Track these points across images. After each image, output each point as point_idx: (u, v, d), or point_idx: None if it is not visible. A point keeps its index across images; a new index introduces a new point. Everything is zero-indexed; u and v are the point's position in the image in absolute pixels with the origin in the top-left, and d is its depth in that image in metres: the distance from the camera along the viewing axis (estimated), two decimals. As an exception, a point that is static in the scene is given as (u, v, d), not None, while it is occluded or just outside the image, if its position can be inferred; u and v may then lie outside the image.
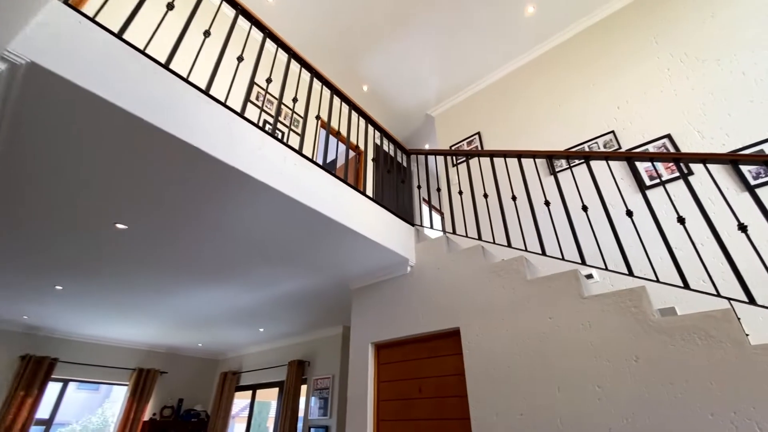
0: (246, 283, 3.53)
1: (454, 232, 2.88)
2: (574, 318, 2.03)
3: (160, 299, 3.96)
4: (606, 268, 2.09)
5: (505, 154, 2.77)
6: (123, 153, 1.78)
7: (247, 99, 2.20)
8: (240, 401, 6.52)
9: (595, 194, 2.92)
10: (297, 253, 2.85)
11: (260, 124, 2.20)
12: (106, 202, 2.18)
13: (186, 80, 1.81)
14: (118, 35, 1.64)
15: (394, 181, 3.30)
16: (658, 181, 2.91)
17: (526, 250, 2.43)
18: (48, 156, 1.80)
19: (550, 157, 2.53)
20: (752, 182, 2.56)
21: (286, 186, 2.13)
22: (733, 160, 1.86)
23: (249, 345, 6.33)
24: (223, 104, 1.96)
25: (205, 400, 6.72)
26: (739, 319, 1.62)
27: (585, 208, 2.28)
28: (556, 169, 3.53)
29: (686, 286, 1.83)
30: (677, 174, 2.87)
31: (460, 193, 2.91)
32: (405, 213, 3.21)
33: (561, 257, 2.27)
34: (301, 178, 2.26)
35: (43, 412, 5.16)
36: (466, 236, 2.72)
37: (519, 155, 2.69)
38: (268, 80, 2.40)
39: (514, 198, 2.60)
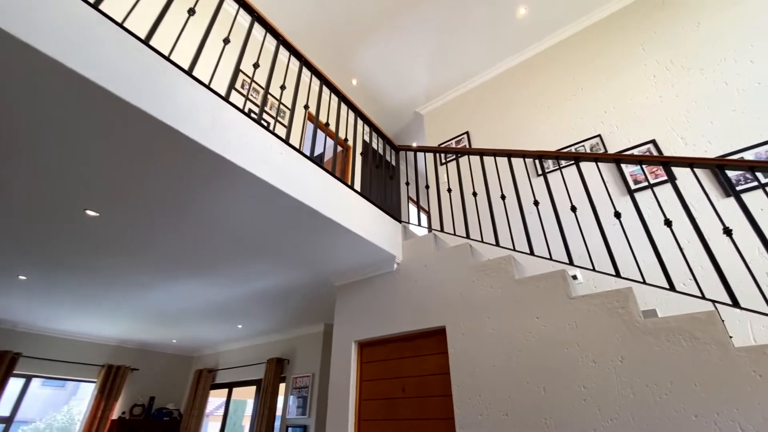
0: (225, 278, 3.41)
1: (441, 230, 2.85)
2: (561, 318, 2.02)
3: (132, 292, 3.78)
4: (594, 269, 2.09)
5: (495, 153, 2.75)
6: (94, 132, 1.66)
7: (232, 84, 2.10)
8: (215, 399, 6.34)
9: (580, 196, 2.94)
10: (280, 248, 2.76)
11: (245, 112, 2.10)
12: (76, 186, 2.04)
13: (167, 58, 1.70)
14: (94, 5, 1.52)
15: (383, 177, 3.25)
16: (643, 185, 2.96)
17: (514, 249, 2.42)
18: (8, 133, 1.66)
19: (540, 157, 2.53)
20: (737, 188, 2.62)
21: (272, 175, 2.04)
22: (719, 165, 1.88)
23: (226, 342, 6.15)
24: (207, 86, 1.85)
25: (178, 398, 6.50)
26: (723, 321, 1.64)
27: (574, 209, 2.28)
28: (544, 170, 3.54)
29: (672, 288, 1.84)
30: (662, 179, 2.92)
31: (449, 190, 2.87)
32: (392, 210, 3.16)
33: (549, 257, 2.26)
34: (287, 168, 2.17)
35: (3, 409, 4.87)
36: (454, 234, 2.69)
37: (509, 154, 2.67)
38: (255, 65, 2.30)
39: (503, 197, 2.58)
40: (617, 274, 2.01)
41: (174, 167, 1.88)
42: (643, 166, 3.00)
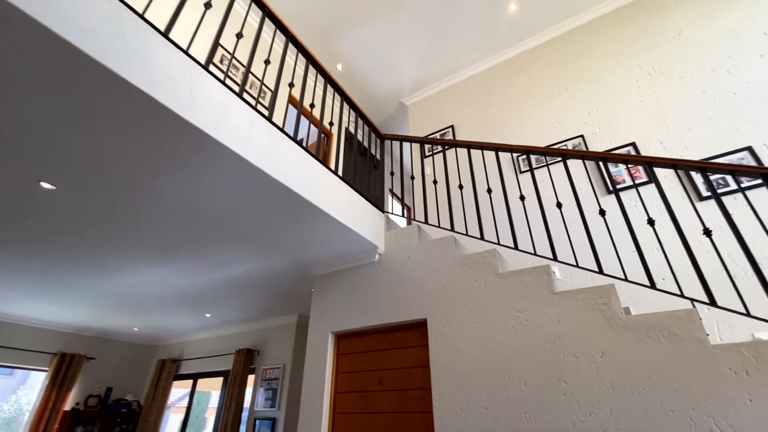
0: (195, 264, 3.22)
1: (426, 222, 2.80)
2: (544, 313, 2.01)
3: (91, 275, 3.52)
4: (577, 265, 2.10)
5: (482, 147, 2.72)
6: (51, 90, 1.48)
7: (213, 52, 1.94)
8: (177, 391, 6.08)
9: (562, 193, 2.97)
10: (257, 234, 2.62)
11: (226, 84, 1.95)
12: (28, 153, 1.83)
13: (141, 15, 1.54)
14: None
15: (367, 165, 3.15)
16: (625, 185, 3.02)
17: (498, 243, 2.40)
18: (-48, 87, 1.45)
19: (528, 152, 2.51)
20: (705, 193, 2.72)
21: (253, 154, 1.91)
22: (702, 167, 1.92)
23: (193, 331, 5.90)
24: (185, 51, 1.70)
25: (138, 389, 6.19)
26: (700, 319, 1.67)
27: (559, 205, 2.28)
28: (525, 168, 3.56)
29: (653, 285, 1.87)
30: (639, 180, 2.99)
31: (435, 182, 2.82)
32: (376, 200, 3.08)
33: (533, 252, 2.25)
34: (269, 147, 2.05)
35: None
36: (439, 227, 2.65)
37: (497, 148, 2.65)
38: (239, 35, 2.14)
39: (489, 191, 2.56)
40: (600, 271, 2.03)
41: (144, 139, 1.72)
42: (626, 167, 3.06)
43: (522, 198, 2.40)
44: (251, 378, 5.04)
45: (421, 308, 2.44)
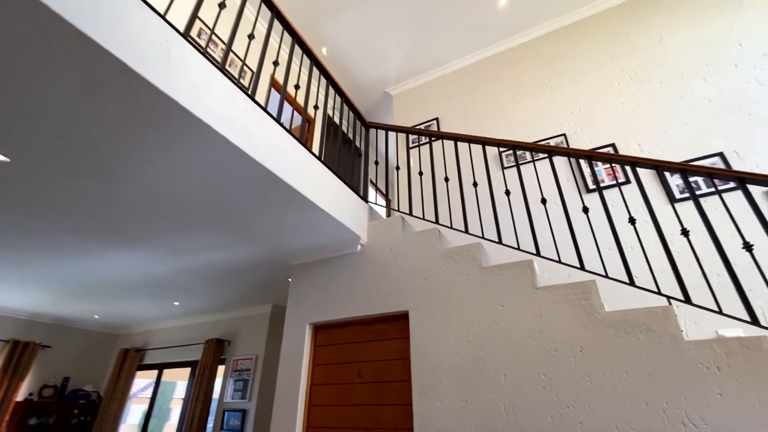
0: (165, 249, 3.05)
1: (410, 214, 2.76)
2: (526, 307, 2.02)
3: (49, 258, 3.27)
4: (559, 261, 2.12)
5: (469, 140, 2.70)
6: (4, 47, 1.32)
7: (192, 20, 1.80)
8: (139, 381, 5.82)
9: (544, 189, 3.01)
10: (234, 219, 2.50)
11: (207, 55, 1.81)
12: (-22, 120, 1.64)
13: (114, -28, 1.39)
14: None
15: (351, 154, 3.07)
16: (606, 184, 3.09)
17: (483, 237, 2.39)
18: None
19: (515, 147, 2.51)
20: (678, 196, 2.81)
21: (234, 134, 1.80)
22: (682, 169, 1.97)
23: (159, 320, 5.65)
24: (162, 16, 1.56)
25: (98, 379, 5.89)
26: (675, 316, 1.72)
27: (544, 201, 2.30)
28: (507, 164, 3.59)
29: (632, 283, 1.91)
30: (618, 181, 3.06)
31: (420, 173, 2.78)
32: (359, 189, 3.00)
33: (517, 247, 2.26)
34: (251, 127, 1.93)
35: None
36: (423, 219, 2.61)
37: (484, 142, 2.63)
38: (221, 5, 2.00)
39: (475, 184, 2.54)
40: (582, 267, 2.05)
41: (112, 109, 1.57)
42: (603, 168, 3.13)
43: (507, 193, 2.41)
44: (221, 368, 4.89)
45: (403, 300, 2.41)
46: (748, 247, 1.71)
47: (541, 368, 1.87)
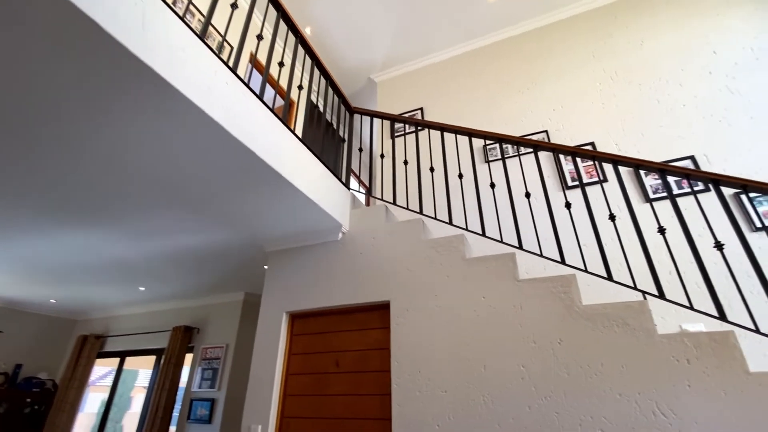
0: (131, 230, 2.87)
1: (394, 203, 2.71)
2: (507, 299, 2.04)
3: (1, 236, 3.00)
4: (541, 255, 2.14)
5: (456, 130, 2.68)
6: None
7: (172, -17, 1.65)
8: (98, 369, 5.55)
9: (521, 184, 3.03)
10: (209, 201, 2.37)
11: (186, 22, 1.67)
12: None
13: None
14: None
15: (335, 141, 2.98)
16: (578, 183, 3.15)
17: (466, 229, 2.39)
18: None
19: (501, 140, 2.51)
20: (652, 195, 2.92)
21: (214, 109, 1.68)
22: (661, 169, 2.03)
23: (122, 305, 5.38)
24: (138, -26, 1.41)
25: (54, 366, 5.56)
26: (650, 310, 1.78)
27: (528, 195, 2.31)
28: (491, 158, 3.60)
29: (609, 277, 1.96)
30: (595, 179, 3.14)
31: (406, 162, 2.74)
32: (342, 175, 2.93)
33: (500, 240, 2.27)
34: (232, 103, 1.81)
35: None
36: (407, 209, 2.58)
37: (470, 134, 2.62)
38: (204, -30, 1.85)
39: (460, 176, 2.53)
40: (562, 261, 2.09)
41: (76, 73, 1.42)
42: (583, 166, 3.20)
43: (492, 185, 2.40)
44: (189, 357, 4.73)
45: (385, 290, 2.37)
46: (719, 246, 1.78)
47: (520, 360, 1.90)
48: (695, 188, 2.72)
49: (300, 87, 2.51)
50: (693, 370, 1.59)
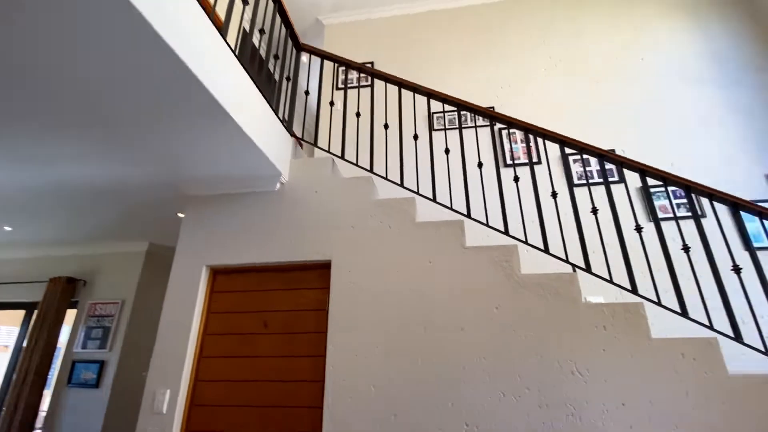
0: (10, 151, 2.20)
1: (342, 157, 2.51)
2: (452, 265, 2.05)
3: None
4: (487, 225, 2.18)
5: (414, 88, 2.55)
6: None
7: None
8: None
9: (478, 154, 3.07)
10: (119, 123, 1.90)
11: None
12: None
13: None
14: None
15: (280, 77, 2.61)
16: (518, 162, 3.30)
17: (418, 192, 2.32)
18: None
19: (459, 106, 2.45)
20: (576, 181, 3.18)
21: (145, 5, 1.28)
22: (601, 155, 2.17)
23: (-23, 248, 4.31)
24: None
25: None
26: (578, 282, 1.94)
27: (480, 165, 2.32)
28: (460, 123, 3.57)
29: (546, 251, 2.08)
30: (534, 160, 3.31)
31: (358, 114, 2.53)
32: (284, 118, 2.60)
33: (450, 207, 2.25)
34: (165, 4, 1.41)
35: None
36: (357, 164, 2.40)
37: (429, 94, 2.51)
38: None
39: (416, 137, 2.42)
40: (506, 232, 2.15)
41: None
42: (521, 146, 3.33)
43: (447, 151, 2.35)
44: (71, 313, 4.03)
45: (327, 248, 2.21)
46: (638, 228, 1.99)
47: (460, 323, 1.93)
48: (614, 179, 3.02)
49: (245, 2, 2.10)
50: (608, 336, 1.78)
